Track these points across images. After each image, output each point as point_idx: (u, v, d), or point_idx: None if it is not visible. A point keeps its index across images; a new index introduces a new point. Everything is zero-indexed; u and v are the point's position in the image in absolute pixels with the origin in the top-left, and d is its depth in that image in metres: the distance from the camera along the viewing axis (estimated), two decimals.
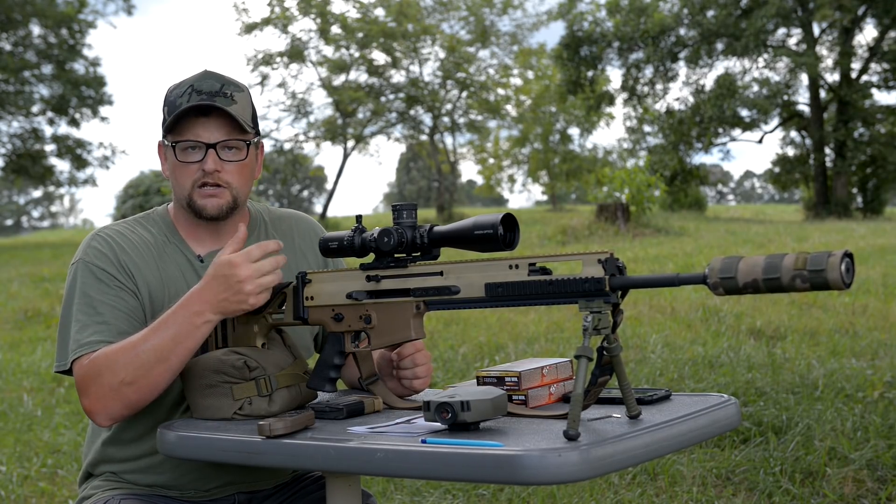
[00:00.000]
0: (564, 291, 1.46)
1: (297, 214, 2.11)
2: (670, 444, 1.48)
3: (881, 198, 28.94)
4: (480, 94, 33.08)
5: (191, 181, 1.90)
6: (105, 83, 30.01)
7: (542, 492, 3.61)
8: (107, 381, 1.72)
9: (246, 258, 1.70)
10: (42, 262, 17.49)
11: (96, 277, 1.84)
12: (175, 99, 1.89)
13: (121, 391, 1.72)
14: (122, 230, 1.93)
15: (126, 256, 1.88)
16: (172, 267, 1.92)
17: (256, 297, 1.71)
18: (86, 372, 1.75)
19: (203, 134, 1.88)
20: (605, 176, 19.12)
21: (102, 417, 1.76)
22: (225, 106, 1.87)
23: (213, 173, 1.88)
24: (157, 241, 1.94)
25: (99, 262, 1.86)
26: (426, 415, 1.51)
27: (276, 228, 2.06)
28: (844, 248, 1.30)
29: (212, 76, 1.92)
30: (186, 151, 1.89)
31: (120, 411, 1.75)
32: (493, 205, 61.33)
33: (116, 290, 1.84)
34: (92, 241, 1.89)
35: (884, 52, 27.49)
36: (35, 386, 6.60)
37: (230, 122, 1.89)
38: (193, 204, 1.91)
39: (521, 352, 6.41)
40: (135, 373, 1.71)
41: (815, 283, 1.28)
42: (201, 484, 1.91)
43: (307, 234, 2.07)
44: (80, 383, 1.76)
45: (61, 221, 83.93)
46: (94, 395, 1.74)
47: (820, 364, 5.48)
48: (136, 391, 1.73)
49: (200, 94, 1.87)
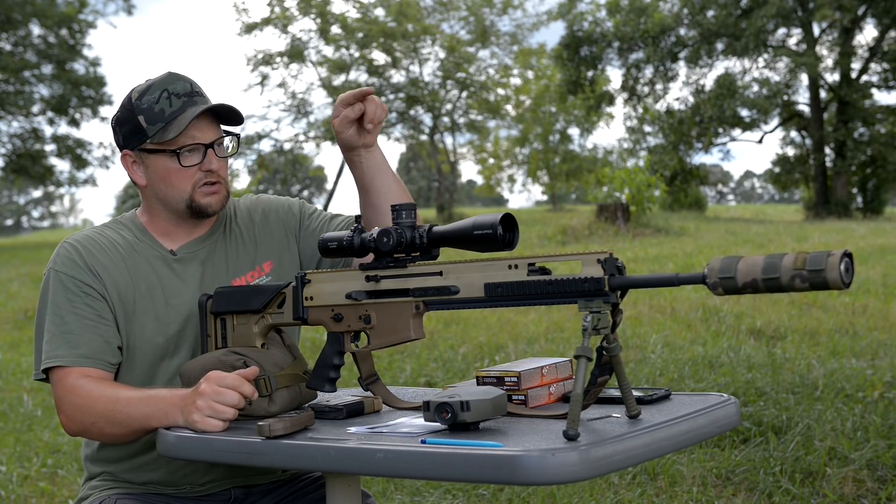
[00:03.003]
0: (564, 291, 1.45)
1: (244, 197, 2.12)
2: (670, 444, 1.48)
3: (881, 198, 28.94)
4: (480, 94, 33.08)
5: (191, 184, 1.92)
6: (105, 83, 30.02)
7: (542, 492, 3.61)
8: (80, 415, 1.83)
9: (218, 379, 1.67)
10: (42, 262, 17.47)
11: (65, 286, 1.89)
12: (151, 106, 1.90)
13: (90, 429, 1.84)
14: (91, 234, 1.97)
15: (93, 259, 1.92)
16: (143, 263, 1.96)
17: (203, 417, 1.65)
18: (65, 394, 1.85)
19: (199, 135, 1.91)
20: (605, 176, 19.11)
21: (68, 432, 1.89)
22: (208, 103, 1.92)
23: (214, 171, 1.92)
24: (128, 241, 1.98)
25: (67, 269, 1.91)
26: (426, 415, 1.51)
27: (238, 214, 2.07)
28: (844, 248, 1.30)
29: (179, 77, 1.94)
30: (186, 156, 1.91)
31: (86, 437, 1.89)
32: (493, 205, 61.34)
33: (83, 298, 1.89)
34: (61, 249, 1.94)
35: (884, 52, 27.49)
36: (35, 386, 6.60)
37: (216, 120, 1.94)
38: (196, 204, 1.93)
39: (520, 352, 6.41)
40: (105, 423, 1.80)
41: (815, 282, 1.28)
42: (196, 479, 1.93)
43: (257, 209, 2.08)
44: (57, 399, 1.87)
45: (61, 221, 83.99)
46: (68, 417, 1.85)
47: (820, 364, 5.48)
48: (102, 435, 1.85)
49: (181, 97, 1.90)
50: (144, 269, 1.95)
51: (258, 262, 2.01)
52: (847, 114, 27.64)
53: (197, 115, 1.88)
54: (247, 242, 2.03)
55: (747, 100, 27.69)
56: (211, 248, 2.00)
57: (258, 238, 2.03)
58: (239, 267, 1.99)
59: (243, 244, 2.02)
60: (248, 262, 2.00)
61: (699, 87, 29.90)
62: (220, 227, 2.03)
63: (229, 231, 2.03)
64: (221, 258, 1.99)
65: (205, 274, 1.97)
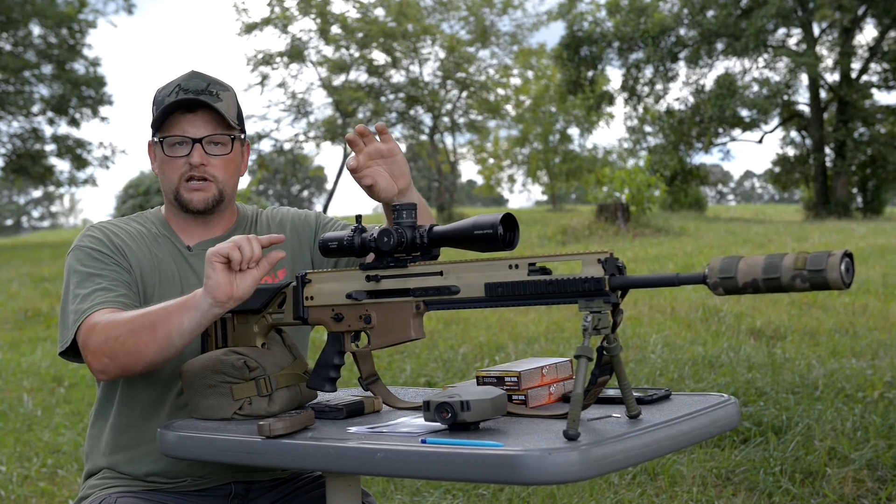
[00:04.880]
0: (564, 291, 1.45)
1: (273, 209, 2.16)
2: (670, 444, 1.48)
3: (881, 198, 28.94)
4: (480, 94, 33.09)
5: (178, 175, 1.98)
6: (105, 83, 29.99)
7: (542, 492, 3.61)
8: (101, 336, 1.77)
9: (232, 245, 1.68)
10: (42, 262, 17.49)
11: (91, 256, 1.92)
12: (163, 98, 1.98)
13: (111, 346, 1.76)
14: (115, 222, 2.02)
15: (119, 240, 1.96)
16: (164, 254, 2.00)
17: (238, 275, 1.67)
18: (87, 331, 1.81)
19: (189, 129, 1.96)
20: (605, 176, 19.10)
21: (97, 371, 1.80)
22: (211, 102, 1.95)
23: (199, 167, 1.96)
24: (150, 233, 2.03)
25: (93, 244, 1.94)
26: (426, 415, 1.51)
27: (259, 223, 2.10)
28: (844, 248, 1.30)
29: (198, 76, 2.01)
30: (174, 147, 1.97)
31: (113, 369, 1.79)
32: (493, 205, 61.33)
33: (111, 264, 1.91)
34: (87, 232, 1.98)
35: (884, 52, 27.49)
36: (35, 386, 6.61)
37: (215, 118, 1.97)
38: (180, 198, 1.99)
39: (521, 352, 6.41)
40: (124, 331, 1.75)
41: (815, 282, 1.28)
42: (196, 470, 1.93)
43: (278, 221, 2.11)
44: (82, 342, 1.81)
45: (61, 221, 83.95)
46: (91, 350, 1.79)
47: (820, 364, 5.48)
48: (123, 350, 1.75)
49: (187, 93, 1.96)
50: (165, 259, 1.99)
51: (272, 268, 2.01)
52: (847, 114, 27.64)
53: (193, 112, 1.95)
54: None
55: (747, 100, 27.68)
56: None
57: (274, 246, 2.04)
58: None
59: None
60: None
61: (699, 87, 29.90)
62: (239, 230, 2.07)
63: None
64: None
65: None
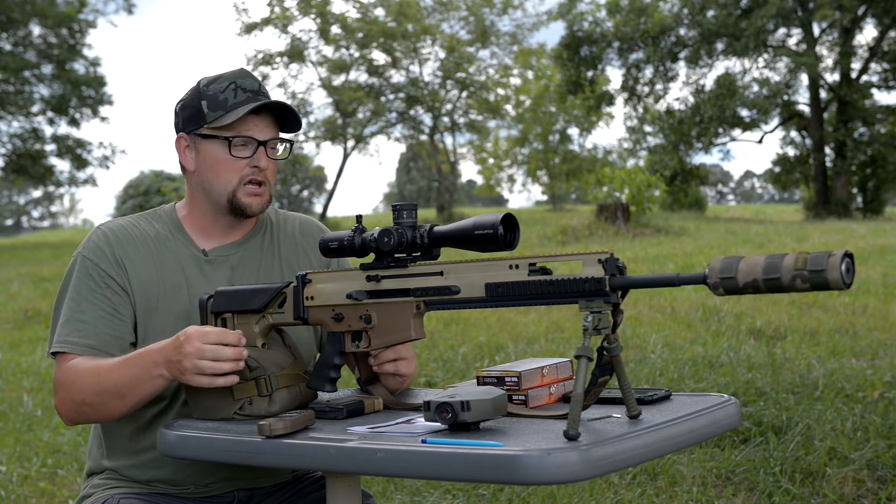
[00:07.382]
0: (564, 291, 1.45)
1: (303, 216, 2.15)
2: (670, 444, 1.48)
3: (881, 198, 28.93)
4: (480, 94, 33.07)
5: (238, 177, 1.93)
6: (105, 83, 29.99)
7: (542, 492, 3.60)
8: (70, 395, 1.84)
9: (200, 336, 1.68)
10: (42, 262, 17.49)
11: (88, 274, 1.91)
12: (217, 94, 1.92)
13: (80, 408, 1.84)
14: (125, 224, 1.98)
15: (122, 250, 1.93)
16: (172, 260, 1.96)
17: (193, 375, 1.68)
18: (59, 377, 1.86)
19: (255, 131, 1.92)
20: (605, 176, 19.09)
21: (64, 419, 1.89)
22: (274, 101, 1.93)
23: (262, 171, 1.93)
24: (161, 235, 1.98)
25: (94, 257, 1.92)
26: (426, 415, 1.51)
27: (281, 229, 2.08)
28: (844, 249, 1.30)
29: (249, 74, 1.97)
30: (238, 147, 1.92)
31: (79, 421, 1.87)
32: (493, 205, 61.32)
33: (103, 290, 1.90)
34: (93, 235, 1.96)
35: (884, 52, 27.48)
36: (35, 386, 6.60)
37: (276, 122, 1.95)
38: (238, 201, 1.94)
39: (521, 352, 6.41)
40: (93, 398, 1.81)
41: (816, 283, 1.28)
42: (200, 479, 1.92)
43: (310, 234, 2.10)
44: (54, 383, 1.88)
45: (61, 221, 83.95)
46: (60, 400, 1.86)
47: (820, 364, 5.48)
48: (93, 412, 1.83)
49: (247, 92, 1.92)
50: (172, 266, 1.95)
51: (286, 279, 2.00)
52: (847, 114, 27.63)
53: (258, 114, 1.91)
54: (281, 259, 2.03)
55: (747, 100, 27.68)
56: (244, 254, 2.00)
57: (293, 258, 2.04)
58: (268, 279, 1.99)
59: (277, 259, 2.03)
60: (277, 277, 2.01)
61: (699, 87, 29.89)
62: (258, 236, 2.03)
63: (268, 242, 2.04)
64: (253, 267, 2.00)
65: (233, 279, 1.97)
